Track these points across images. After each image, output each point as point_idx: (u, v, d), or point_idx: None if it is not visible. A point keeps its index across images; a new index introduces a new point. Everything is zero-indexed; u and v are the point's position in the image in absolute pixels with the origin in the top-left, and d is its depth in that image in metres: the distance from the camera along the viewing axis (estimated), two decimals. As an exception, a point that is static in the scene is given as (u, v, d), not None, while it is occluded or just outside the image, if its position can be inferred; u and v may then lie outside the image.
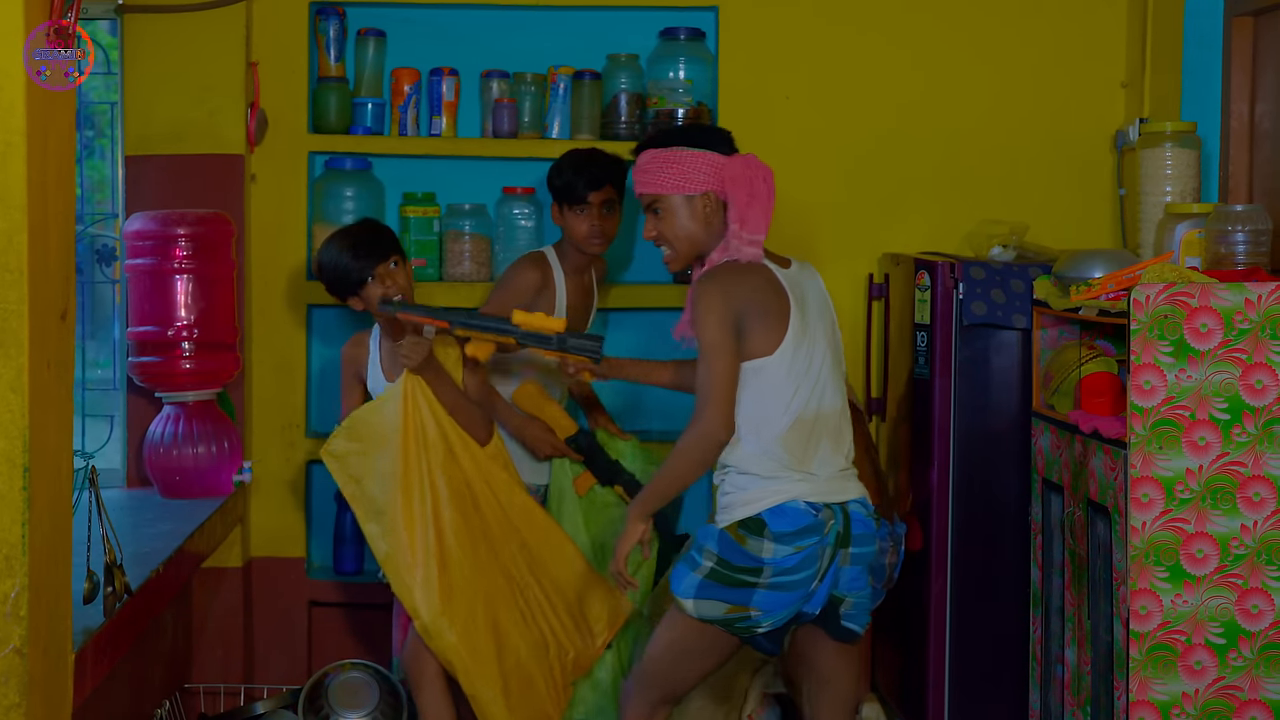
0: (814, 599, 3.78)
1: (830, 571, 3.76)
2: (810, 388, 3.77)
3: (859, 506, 3.81)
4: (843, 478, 3.83)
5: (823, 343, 3.83)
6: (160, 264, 4.77)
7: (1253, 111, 4.67)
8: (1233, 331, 3.73)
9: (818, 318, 3.86)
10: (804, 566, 3.72)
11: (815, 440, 3.78)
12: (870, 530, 3.82)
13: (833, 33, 5.28)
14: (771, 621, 3.76)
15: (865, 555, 3.81)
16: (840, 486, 3.81)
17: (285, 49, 5.20)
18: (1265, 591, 3.75)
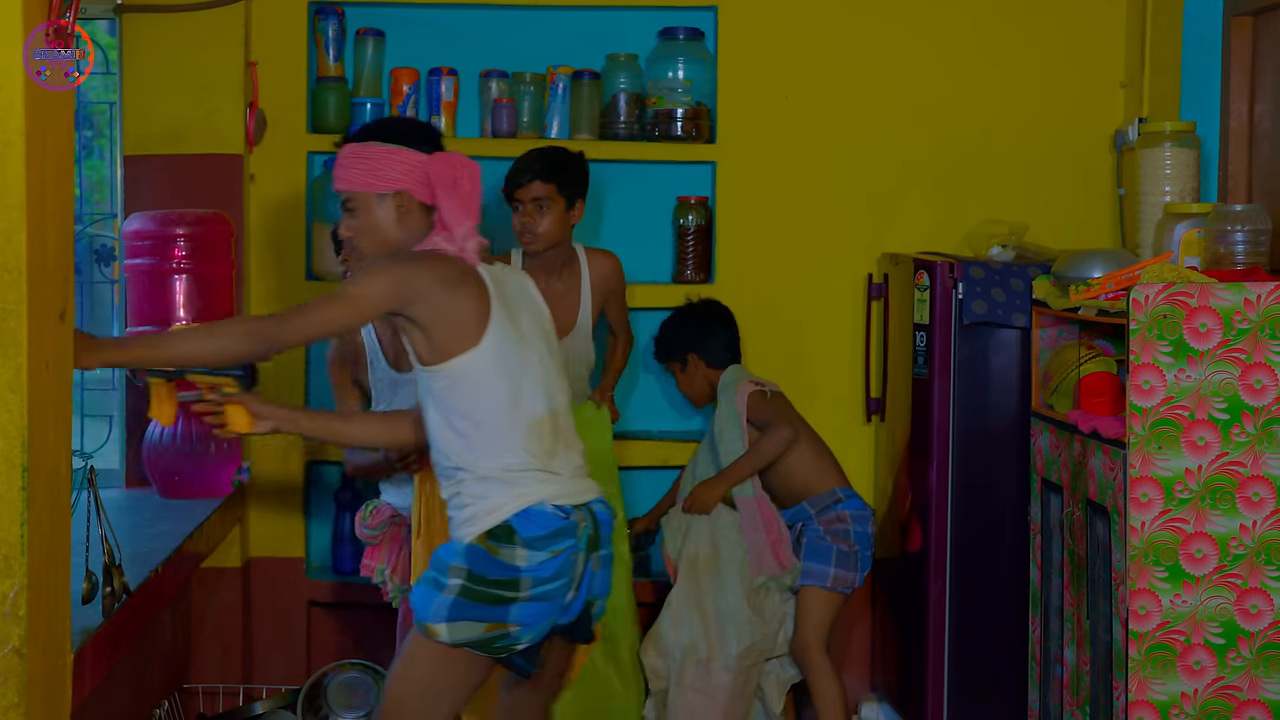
0: (570, 608, 3.50)
1: (585, 578, 3.50)
2: (534, 385, 3.49)
3: (601, 505, 3.57)
4: (583, 477, 3.58)
5: (539, 342, 3.56)
6: (159, 264, 4.76)
7: (1252, 111, 4.67)
8: (1232, 331, 3.73)
9: (527, 316, 3.57)
10: (561, 574, 3.44)
11: (554, 439, 3.52)
12: (612, 528, 3.61)
13: (832, 33, 5.28)
14: (531, 636, 3.46)
15: (609, 556, 3.59)
16: (583, 486, 3.55)
17: (284, 49, 5.20)
18: (1264, 591, 3.75)
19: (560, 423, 3.54)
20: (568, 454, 3.54)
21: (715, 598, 4.81)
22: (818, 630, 4.81)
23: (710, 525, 4.85)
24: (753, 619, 4.81)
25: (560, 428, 3.54)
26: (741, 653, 4.79)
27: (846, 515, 4.83)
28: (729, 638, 4.81)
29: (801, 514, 4.86)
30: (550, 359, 3.58)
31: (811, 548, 4.82)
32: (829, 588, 4.80)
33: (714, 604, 4.82)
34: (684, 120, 5.24)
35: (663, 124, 5.24)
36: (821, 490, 4.86)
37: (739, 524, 4.85)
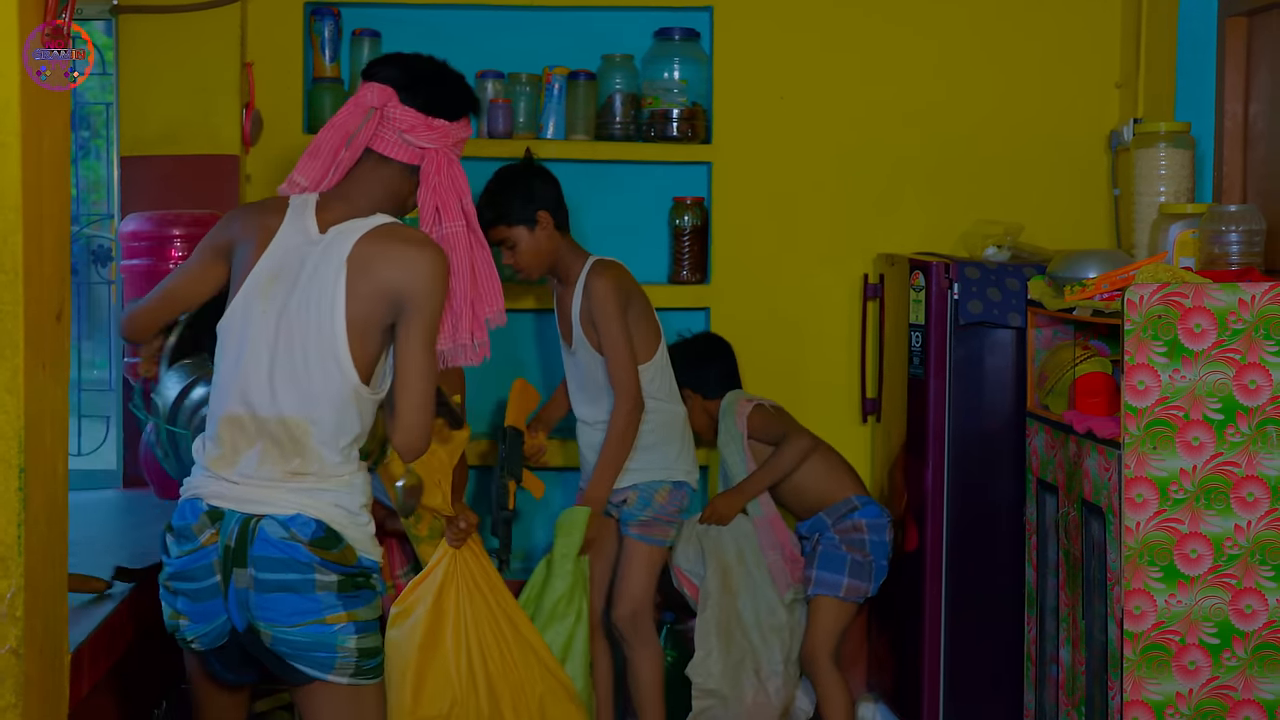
0: (235, 618, 3.22)
1: (232, 592, 3.19)
2: (248, 377, 3.20)
3: (276, 525, 3.16)
4: (266, 488, 3.20)
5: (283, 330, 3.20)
6: (156, 265, 4.75)
7: (1247, 111, 4.68)
8: (1226, 332, 3.74)
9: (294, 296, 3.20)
10: (196, 576, 3.21)
11: (247, 440, 3.20)
12: (289, 555, 3.15)
13: (827, 33, 5.29)
14: (198, 635, 3.25)
15: (279, 583, 3.16)
16: (255, 495, 3.19)
17: (280, 49, 5.20)
18: (1259, 591, 3.76)
19: (265, 434, 3.19)
20: (265, 463, 3.19)
21: (754, 607, 4.83)
22: (827, 639, 4.81)
23: (732, 535, 4.86)
24: (791, 625, 4.83)
25: (263, 438, 3.19)
26: (786, 658, 4.82)
27: (863, 524, 4.83)
28: (773, 644, 4.82)
29: (819, 524, 4.87)
30: (292, 359, 3.18)
31: (826, 556, 4.82)
32: (841, 597, 4.80)
33: (753, 613, 4.83)
34: (680, 121, 5.24)
35: (658, 124, 5.24)
36: (838, 499, 4.86)
37: None
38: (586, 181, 5.30)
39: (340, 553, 3.17)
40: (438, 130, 3.31)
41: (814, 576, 4.81)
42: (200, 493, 3.22)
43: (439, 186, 3.30)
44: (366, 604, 3.22)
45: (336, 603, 3.17)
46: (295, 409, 3.16)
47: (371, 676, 3.25)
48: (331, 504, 3.19)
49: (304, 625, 3.16)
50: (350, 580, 3.19)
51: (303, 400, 3.16)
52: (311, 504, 3.17)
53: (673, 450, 4.66)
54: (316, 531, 3.15)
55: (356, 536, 3.21)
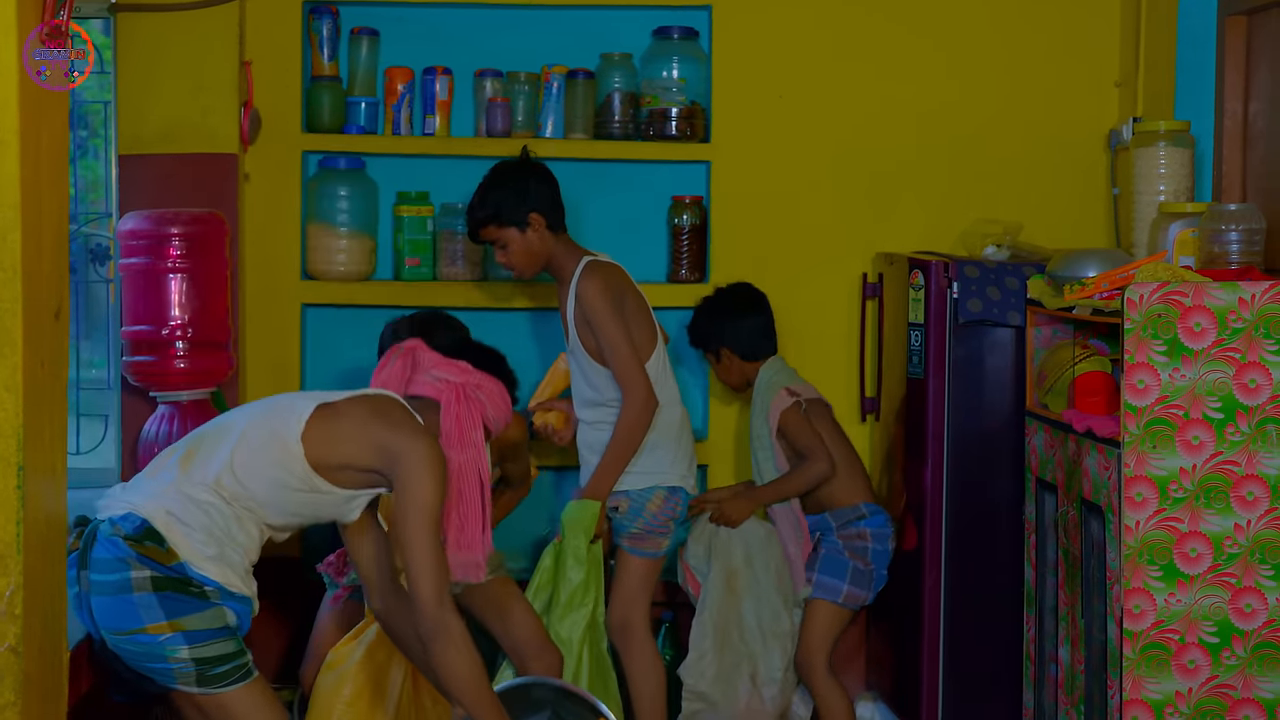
0: (89, 625, 3.31)
1: (80, 597, 3.28)
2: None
3: (106, 525, 3.29)
4: (118, 489, 3.43)
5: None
6: (154, 263, 4.75)
7: (1246, 110, 4.67)
8: (1226, 331, 3.74)
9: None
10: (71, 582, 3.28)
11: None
12: (114, 554, 3.25)
13: (826, 32, 5.28)
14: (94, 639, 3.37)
15: (107, 584, 3.24)
16: (106, 498, 3.40)
17: (279, 48, 5.19)
18: (1259, 590, 3.76)
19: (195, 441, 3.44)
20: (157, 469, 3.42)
21: (757, 611, 4.81)
22: (823, 644, 4.80)
23: (742, 538, 4.84)
24: (793, 632, 4.82)
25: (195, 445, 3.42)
26: (786, 665, 4.80)
27: (868, 533, 4.81)
28: (774, 650, 4.81)
29: (823, 524, 4.85)
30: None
31: (828, 560, 4.80)
32: (840, 603, 4.79)
33: (756, 618, 4.81)
34: (678, 119, 5.24)
35: (657, 123, 5.24)
36: (847, 504, 4.84)
37: (771, 535, 4.85)
38: (585, 180, 5.30)
39: (158, 550, 3.23)
40: (457, 368, 3.65)
41: (814, 579, 4.80)
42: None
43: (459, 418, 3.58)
44: (196, 612, 3.24)
45: (156, 608, 3.21)
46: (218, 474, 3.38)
47: (227, 682, 3.27)
48: (163, 509, 3.28)
49: (129, 634, 3.22)
50: (168, 580, 3.22)
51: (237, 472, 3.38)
52: (141, 503, 3.28)
53: (668, 454, 4.64)
54: (139, 528, 3.24)
55: (183, 545, 3.26)
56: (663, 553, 4.67)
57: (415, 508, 3.33)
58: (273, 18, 5.18)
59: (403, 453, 3.36)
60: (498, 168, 4.64)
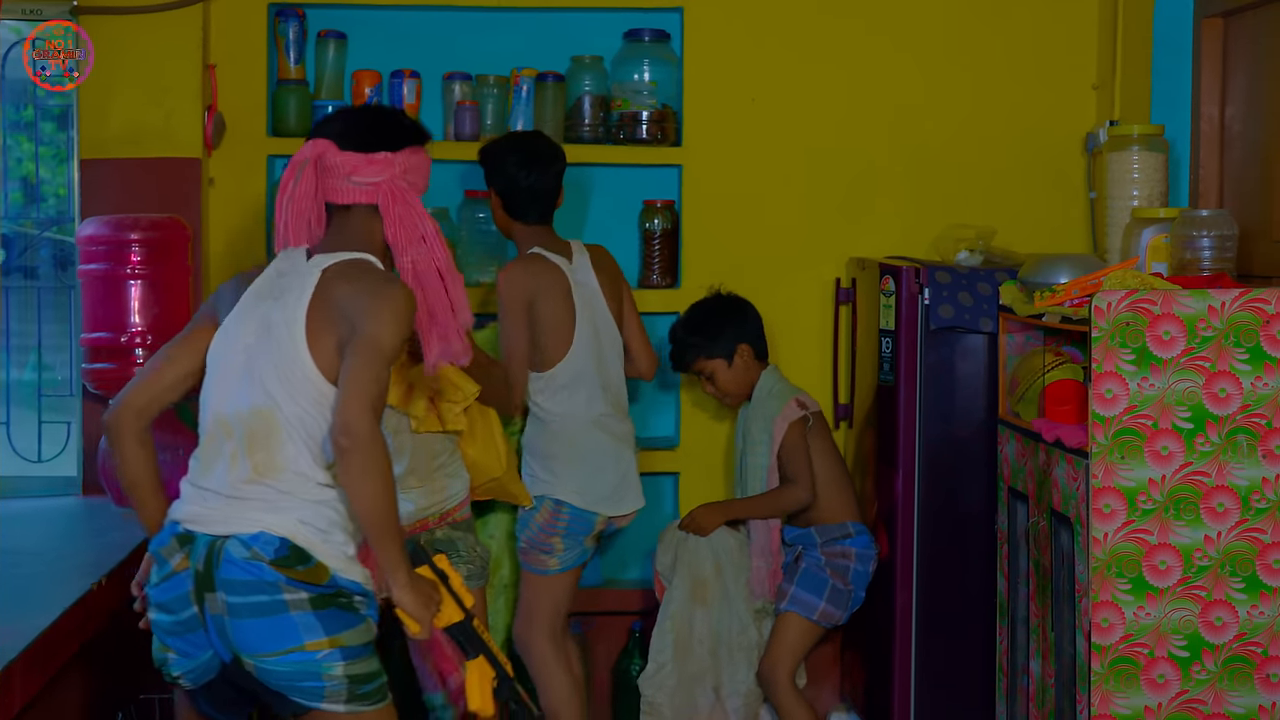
0: (219, 649, 3.15)
1: (209, 619, 3.12)
2: (227, 378, 3.23)
3: (239, 545, 3.09)
4: (233, 502, 3.15)
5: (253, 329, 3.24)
6: (114, 269, 4.70)
7: (1223, 114, 4.62)
8: (1196, 339, 3.68)
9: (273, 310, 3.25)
10: (174, 608, 3.15)
11: (219, 446, 3.20)
12: (256, 577, 3.07)
13: (799, 35, 5.22)
14: (184, 670, 3.20)
15: (250, 606, 3.07)
16: (220, 514, 3.15)
17: (244, 51, 5.13)
18: (1229, 603, 3.70)
19: (237, 427, 3.18)
20: (230, 470, 3.17)
21: (724, 622, 4.74)
22: (791, 657, 4.73)
23: (711, 547, 4.77)
24: (761, 645, 4.75)
25: (235, 434, 3.18)
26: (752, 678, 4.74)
27: (851, 552, 4.75)
28: (739, 663, 4.75)
29: (807, 539, 4.78)
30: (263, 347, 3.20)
31: (807, 575, 4.74)
32: (814, 620, 4.72)
33: (723, 629, 4.75)
34: (649, 123, 5.17)
35: (628, 127, 5.18)
36: (833, 521, 4.77)
37: (743, 545, 4.78)
38: (556, 184, 5.25)
39: (309, 570, 3.09)
40: (379, 163, 3.32)
41: (791, 592, 4.72)
42: (176, 515, 3.19)
43: (400, 218, 3.31)
44: (350, 628, 3.11)
45: (316, 625, 3.07)
46: (263, 397, 3.16)
47: (371, 701, 3.15)
48: (296, 520, 3.12)
49: (283, 654, 3.07)
50: (325, 599, 3.09)
51: (271, 388, 3.16)
52: (275, 520, 3.10)
53: (562, 467, 4.52)
54: (280, 549, 3.08)
55: (328, 553, 3.13)
56: (549, 571, 4.53)
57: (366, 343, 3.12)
58: (237, 20, 5.11)
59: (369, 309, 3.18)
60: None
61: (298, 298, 3.21)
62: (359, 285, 3.21)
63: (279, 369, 3.17)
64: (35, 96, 5.16)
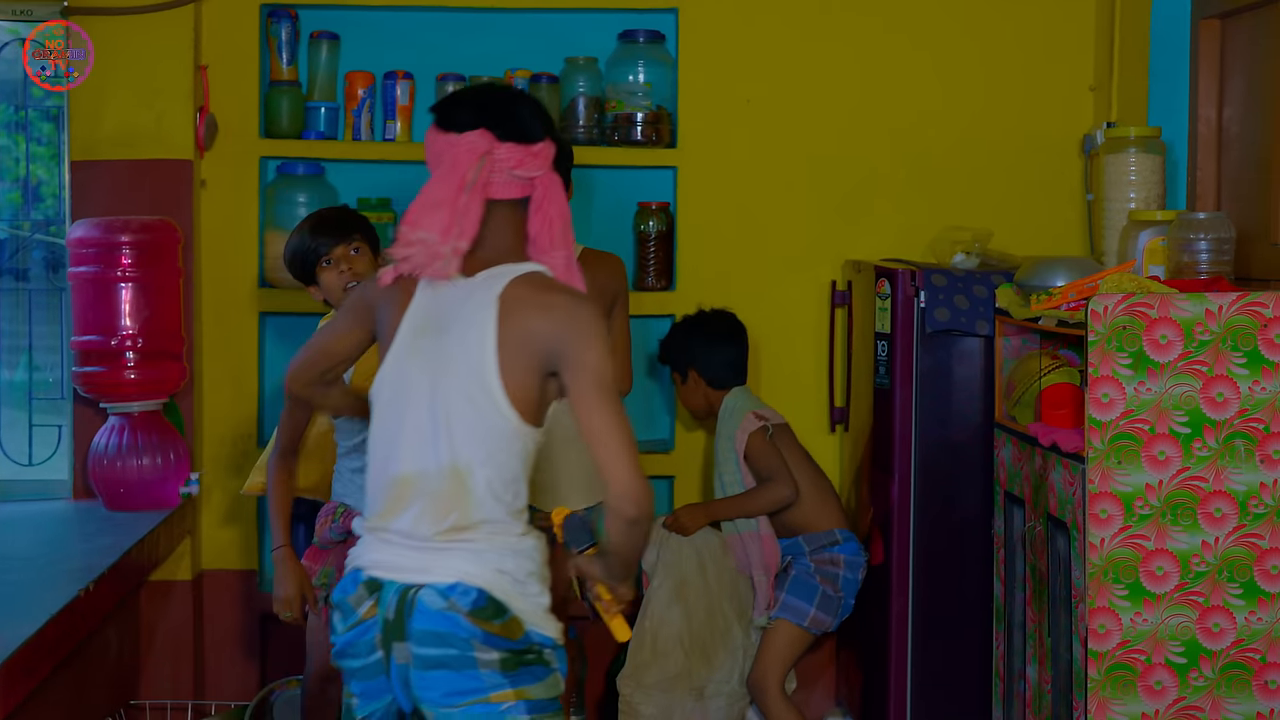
0: (400, 698, 3.03)
1: (393, 668, 3.00)
2: (405, 436, 3.01)
3: (434, 596, 2.95)
4: (425, 552, 2.98)
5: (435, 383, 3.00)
6: (104, 272, 4.67)
7: (1220, 116, 4.59)
8: (1193, 343, 3.64)
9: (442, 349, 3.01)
10: (355, 654, 3.04)
11: (402, 502, 3.00)
12: (450, 628, 2.94)
13: (795, 36, 5.19)
14: (367, 714, 3.06)
15: (439, 659, 2.95)
16: (413, 562, 2.99)
17: (235, 52, 5.10)
18: (1227, 610, 3.67)
19: (427, 484, 2.98)
20: (418, 522, 2.99)
21: (709, 621, 4.71)
22: (780, 665, 4.70)
23: (694, 547, 4.75)
24: (746, 645, 4.73)
25: (424, 489, 2.98)
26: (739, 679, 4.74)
27: (840, 559, 4.72)
28: (723, 664, 4.72)
29: (796, 548, 4.75)
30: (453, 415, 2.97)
31: (798, 583, 4.71)
32: (805, 627, 4.70)
33: (705, 629, 4.72)
34: (644, 124, 5.14)
35: (622, 128, 5.15)
36: (820, 529, 4.74)
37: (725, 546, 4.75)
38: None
39: (504, 625, 2.94)
40: (537, 155, 3.09)
41: (782, 599, 4.70)
42: (360, 562, 3.04)
43: (556, 214, 3.09)
44: (539, 681, 2.98)
45: (503, 680, 2.94)
46: (455, 454, 2.96)
47: None
48: (495, 570, 2.96)
49: (466, 705, 2.94)
50: (516, 658, 2.95)
51: (463, 442, 2.96)
52: (474, 570, 2.94)
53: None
54: (478, 600, 2.93)
55: (524, 608, 2.97)
56: None
57: (598, 388, 2.91)
58: (229, 21, 5.09)
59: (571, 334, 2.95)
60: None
61: (480, 334, 2.96)
62: (554, 315, 2.96)
63: (473, 427, 2.96)
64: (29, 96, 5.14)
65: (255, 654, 5.17)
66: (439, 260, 2.97)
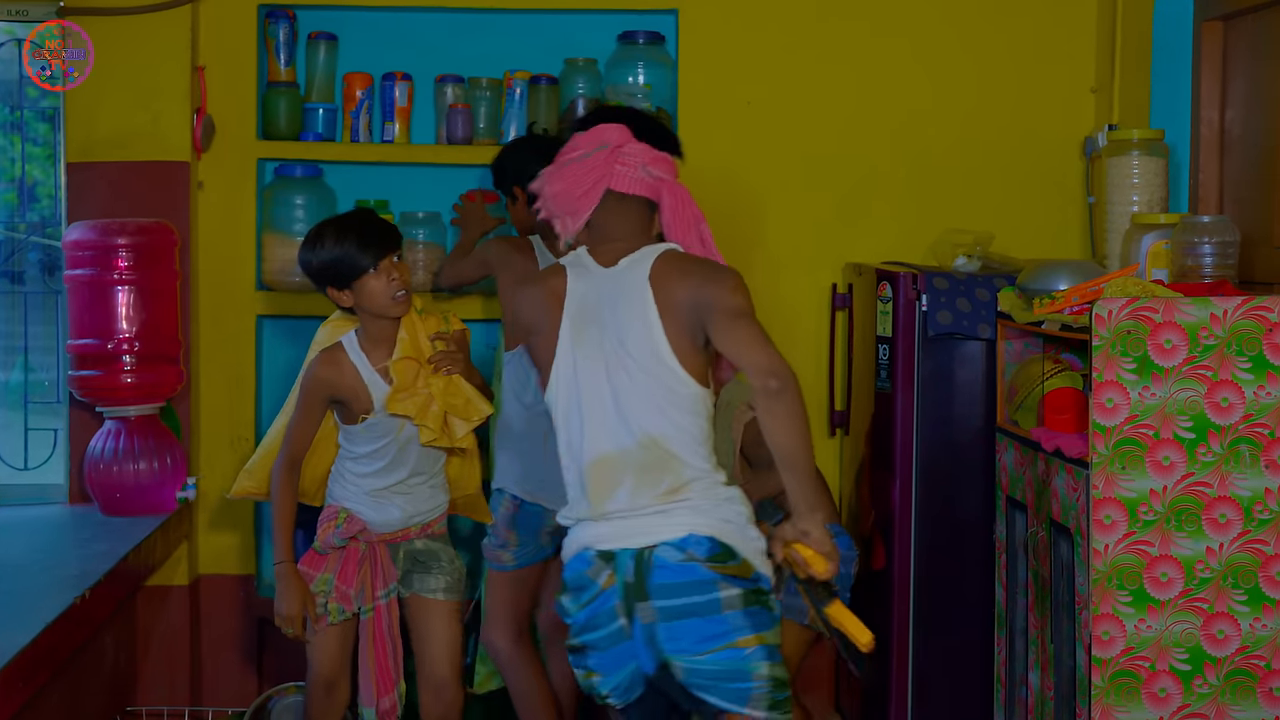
0: (643, 661, 3.24)
1: (636, 629, 3.21)
2: (593, 420, 3.25)
3: (670, 550, 3.18)
4: (648, 516, 3.21)
5: (611, 363, 3.26)
6: (100, 275, 4.65)
7: (1223, 118, 4.56)
8: (1198, 347, 3.62)
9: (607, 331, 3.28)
10: (597, 625, 3.24)
11: (612, 479, 3.23)
12: (691, 577, 3.17)
13: (795, 37, 5.17)
14: (611, 687, 3.28)
15: (685, 608, 3.17)
16: (639, 527, 3.21)
17: (233, 53, 5.08)
18: (1231, 616, 3.64)
19: (630, 460, 3.23)
20: (634, 493, 3.22)
21: None
22: (793, 666, 4.67)
23: None
24: None
25: (629, 465, 3.23)
26: None
27: None
28: None
29: None
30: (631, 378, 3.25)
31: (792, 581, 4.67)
32: (806, 624, 4.67)
33: None
34: (644, 126, 5.11)
35: (616, 121, 5.11)
36: None
37: None
38: (549, 188, 5.19)
39: (738, 567, 3.18)
40: (665, 162, 3.39)
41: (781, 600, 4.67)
42: (583, 542, 3.25)
43: (686, 215, 3.37)
44: (771, 627, 3.20)
45: (745, 623, 3.16)
46: (648, 426, 3.21)
47: (784, 712, 3.20)
48: (719, 519, 3.20)
49: (715, 651, 3.16)
50: (753, 595, 3.18)
51: (652, 414, 3.22)
52: (700, 522, 3.18)
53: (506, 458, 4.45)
54: (712, 548, 3.16)
55: (748, 551, 3.21)
56: (504, 567, 4.46)
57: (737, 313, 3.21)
58: (227, 22, 5.06)
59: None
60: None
61: (644, 313, 3.24)
62: (695, 276, 3.26)
63: (655, 399, 3.23)
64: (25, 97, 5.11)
65: (252, 659, 5.14)
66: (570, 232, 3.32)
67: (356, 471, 4.11)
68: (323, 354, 4.08)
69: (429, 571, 4.17)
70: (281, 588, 4.04)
